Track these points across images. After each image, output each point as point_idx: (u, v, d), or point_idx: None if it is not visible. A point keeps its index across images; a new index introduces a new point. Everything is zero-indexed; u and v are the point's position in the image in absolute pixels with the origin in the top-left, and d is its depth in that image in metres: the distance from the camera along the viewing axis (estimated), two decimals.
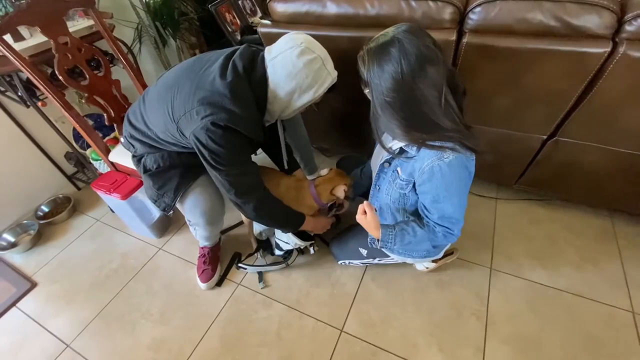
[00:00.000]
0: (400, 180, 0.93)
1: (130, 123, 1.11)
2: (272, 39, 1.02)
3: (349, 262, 1.37)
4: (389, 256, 1.22)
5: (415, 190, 0.92)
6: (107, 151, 1.48)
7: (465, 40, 1.03)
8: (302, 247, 1.38)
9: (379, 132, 0.88)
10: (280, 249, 1.39)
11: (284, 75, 0.90)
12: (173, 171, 1.12)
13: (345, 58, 0.95)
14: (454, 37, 1.03)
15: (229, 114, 0.87)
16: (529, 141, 1.27)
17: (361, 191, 1.39)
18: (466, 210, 0.89)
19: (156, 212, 1.64)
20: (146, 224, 1.59)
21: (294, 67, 0.88)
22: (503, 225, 1.51)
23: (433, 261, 1.31)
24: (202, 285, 1.41)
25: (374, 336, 1.20)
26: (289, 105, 0.95)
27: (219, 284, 1.43)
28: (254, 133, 0.95)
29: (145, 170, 1.13)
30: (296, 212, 1.17)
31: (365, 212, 0.96)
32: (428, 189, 0.86)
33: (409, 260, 1.22)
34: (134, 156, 1.17)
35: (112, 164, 1.51)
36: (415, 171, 0.87)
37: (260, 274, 1.42)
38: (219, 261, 1.48)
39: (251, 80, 0.92)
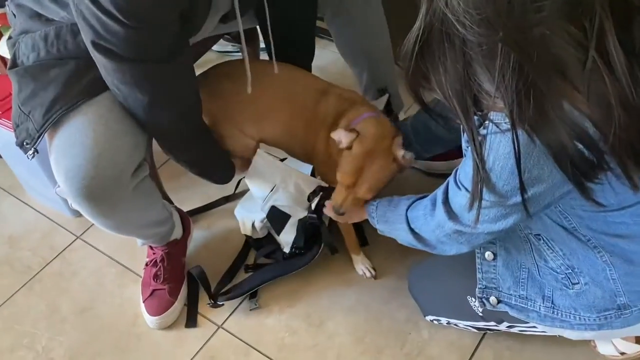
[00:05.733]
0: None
1: None
2: None
3: (448, 322, 0.84)
4: (525, 321, 0.75)
5: None
6: None
7: None
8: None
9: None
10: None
11: None
12: (58, 70, 0.82)
13: None
14: None
15: None
16: None
17: (444, 148, 1.09)
18: None
19: None
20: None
21: None
22: None
23: (637, 342, 0.78)
24: (150, 320, 0.95)
25: None
26: None
27: (191, 323, 0.96)
28: None
29: (14, 64, 0.85)
30: (228, 163, 0.95)
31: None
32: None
33: (567, 334, 0.72)
34: (9, 38, 0.93)
35: (3, 60, 1.13)
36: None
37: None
38: (185, 277, 0.99)
39: None
